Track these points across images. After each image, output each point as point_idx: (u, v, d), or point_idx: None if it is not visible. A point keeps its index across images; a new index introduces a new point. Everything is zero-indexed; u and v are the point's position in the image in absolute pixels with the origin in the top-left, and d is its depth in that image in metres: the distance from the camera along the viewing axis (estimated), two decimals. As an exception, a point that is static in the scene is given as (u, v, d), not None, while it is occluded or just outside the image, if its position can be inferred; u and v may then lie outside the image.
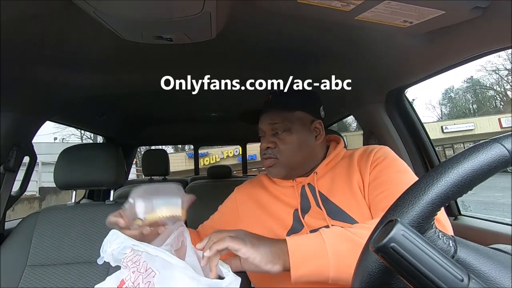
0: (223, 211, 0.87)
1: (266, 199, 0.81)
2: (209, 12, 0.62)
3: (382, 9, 0.66)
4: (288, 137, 0.77)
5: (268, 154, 0.79)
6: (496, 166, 0.28)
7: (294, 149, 0.77)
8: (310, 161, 0.80)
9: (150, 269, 0.48)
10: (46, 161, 8.56)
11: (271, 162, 0.78)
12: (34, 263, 1.01)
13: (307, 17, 0.72)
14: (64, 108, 1.30)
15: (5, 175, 1.12)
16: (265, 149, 0.79)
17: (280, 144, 0.77)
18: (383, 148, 0.77)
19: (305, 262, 0.56)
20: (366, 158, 0.74)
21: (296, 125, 0.78)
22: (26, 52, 0.86)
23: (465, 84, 27.03)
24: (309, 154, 0.80)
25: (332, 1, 0.63)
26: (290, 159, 0.77)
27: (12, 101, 1.06)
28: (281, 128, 0.78)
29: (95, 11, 0.60)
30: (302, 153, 0.78)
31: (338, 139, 0.87)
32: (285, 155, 0.77)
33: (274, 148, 0.78)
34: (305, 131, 0.79)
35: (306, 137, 0.79)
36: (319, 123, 0.81)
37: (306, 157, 0.79)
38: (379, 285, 0.31)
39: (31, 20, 0.68)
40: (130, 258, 0.51)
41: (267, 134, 0.80)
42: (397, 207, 0.31)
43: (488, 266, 0.29)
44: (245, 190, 0.87)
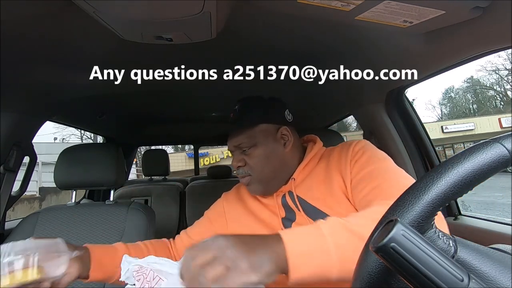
0: (210, 217, 0.86)
1: (255, 206, 0.80)
2: (209, 12, 0.62)
3: (382, 9, 0.65)
4: (254, 152, 0.76)
5: (240, 173, 0.78)
6: (496, 166, 0.28)
7: (263, 162, 0.76)
8: (284, 170, 0.78)
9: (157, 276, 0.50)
10: (46, 161, 8.55)
11: (247, 180, 0.77)
12: (34, 263, 1.01)
13: (307, 17, 0.72)
14: (64, 108, 1.30)
15: (5, 175, 1.12)
16: (236, 168, 0.79)
17: (249, 160, 0.76)
18: (360, 142, 0.74)
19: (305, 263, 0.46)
20: (344, 156, 0.72)
21: (260, 138, 0.76)
22: (26, 52, 0.86)
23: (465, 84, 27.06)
24: (280, 164, 0.77)
25: (332, 1, 0.63)
26: (262, 173, 0.76)
27: (12, 101, 1.06)
28: (247, 145, 0.76)
29: (95, 11, 0.60)
30: (272, 164, 0.76)
31: (314, 138, 0.84)
32: (256, 171, 0.76)
33: (244, 166, 0.77)
34: (271, 141, 0.77)
35: (273, 147, 0.77)
36: (285, 129, 0.79)
37: (278, 167, 0.77)
38: (379, 285, 0.31)
39: (31, 20, 0.68)
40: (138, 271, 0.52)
41: (235, 153, 0.80)
42: (397, 207, 0.31)
43: (488, 266, 0.29)
44: (233, 196, 0.86)
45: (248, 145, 0.76)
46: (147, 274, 0.51)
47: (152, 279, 0.50)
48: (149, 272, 0.51)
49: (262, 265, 0.43)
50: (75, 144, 1.60)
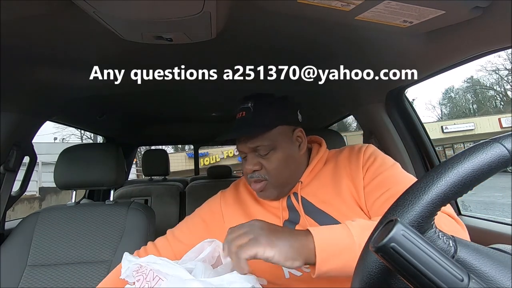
0: (204, 218, 0.79)
1: (254, 208, 0.77)
2: (209, 12, 0.62)
3: (382, 9, 0.65)
4: (274, 156, 0.71)
5: (255, 177, 0.72)
6: (496, 166, 0.28)
7: (282, 166, 0.71)
8: (297, 173, 0.75)
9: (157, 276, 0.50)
10: (46, 161, 8.55)
11: (262, 185, 0.71)
12: (34, 263, 1.01)
13: (307, 17, 0.72)
14: (64, 108, 1.30)
15: (5, 175, 1.12)
16: (251, 172, 0.72)
17: (267, 164, 0.71)
18: (369, 147, 0.74)
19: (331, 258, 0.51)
20: (355, 161, 0.71)
21: (279, 141, 0.72)
22: (26, 52, 0.86)
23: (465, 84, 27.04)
24: (296, 167, 0.74)
25: (332, 1, 0.63)
26: (279, 178, 0.72)
27: (12, 101, 1.06)
28: (265, 149, 0.71)
29: (95, 11, 0.60)
30: (289, 168, 0.73)
31: (319, 140, 0.82)
32: (273, 175, 0.71)
33: (260, 170, 0.71)
34: (289, 144, 0.73)
35: (291, 150, 0.73)
36: (300, 131, 0.76)
37: (293, 171, 0.74)
38: (379, 285, 0.31)
39: (31, 20, 0.68)
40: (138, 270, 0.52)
41: (249, 156, 0.73)
42: (397, 207, 0.31)
43: (488, 266, 0.29)
44: (231, 196, 0.81)
45: (267, 148, 0.71)
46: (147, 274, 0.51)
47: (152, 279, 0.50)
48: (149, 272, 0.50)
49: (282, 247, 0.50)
50: (75, 144, 1.60)
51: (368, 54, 0.96)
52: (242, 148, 0.74)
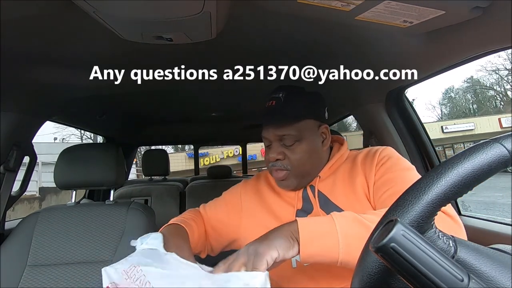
0: (227, 200, 0.85)
1: (270, 197, 0.80)
2: (209, 12, 0.62)
3: (382, 9, 0.65)
4: (298, 148, 0.74)
5: (278, 166, 0.74)
6: (496, 166, 0.28)
7: (305, 158, 0.74)
8: (317, 167, 0.78)
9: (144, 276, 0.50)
10: (46, 161, 8.54)
11: (284, 175, 0.74)
12: (34, 263, 1.01)
13: (307, 17, 0.72)
14: (64, 108, 1.30)
15: (5, 175, 1.12)
16: (274, 161, 0.75)
17: (291, 154, 0.74)
18: (387, 148, 0.76)
19: (314, 241, 0.53)
20: (370, 160, 0.73)
21: (305, 133, 0.75)
22: (26, 52, 0.86)
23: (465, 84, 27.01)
24: (317, 161, 0.78)
25: (332, 1, 0.63)
26: (301, 169, 0.75)
27: (12, 101, 1.06)
28: (291, 139, 0.74)
29: (95, 11, 0.60)
30: (312, 161, 0.76)
31: (341, 140, 0.85)
32: (296, 166, 0.74)
33: (283, 160, 0.74)
34: (314, 138, 0.76)
35: (315, 144, 0.76)
36: (326, 127, 0.79)
37: (315, 165, 0.77)
38: (379, 285, 0.31)
39: (31, 20, 0.68)
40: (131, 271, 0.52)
41: (273, 145, 0.76)
42: (397, 207, 0.31)
43: (488, 266, 0.29)
44: (251, 185, 0.86)
45: (293, 138, 0.74)
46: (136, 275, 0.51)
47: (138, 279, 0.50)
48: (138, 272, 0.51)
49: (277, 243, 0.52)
50: (75, 144, 1.60)
51: (368, 54, 0.96)
52: (268, 135, 0.76)
